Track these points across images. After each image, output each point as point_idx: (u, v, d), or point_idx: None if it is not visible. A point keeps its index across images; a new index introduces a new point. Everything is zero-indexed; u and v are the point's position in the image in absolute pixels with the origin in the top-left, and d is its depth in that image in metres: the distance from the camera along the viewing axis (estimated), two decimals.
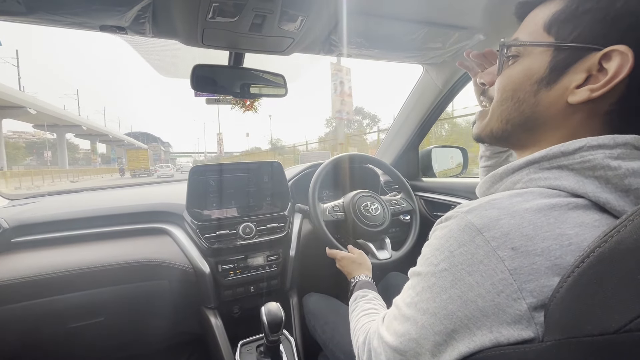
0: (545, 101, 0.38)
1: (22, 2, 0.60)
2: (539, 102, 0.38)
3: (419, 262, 0.40)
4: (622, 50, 0.32)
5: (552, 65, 0.37)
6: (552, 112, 0.38)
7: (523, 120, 0.40)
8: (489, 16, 0.83)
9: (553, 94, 0.37)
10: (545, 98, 0.38)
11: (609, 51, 0.33)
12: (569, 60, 0.36)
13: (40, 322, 0.88)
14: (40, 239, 0.95)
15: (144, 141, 72.08)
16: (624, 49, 0.32)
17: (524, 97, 0.39)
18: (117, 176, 32.67)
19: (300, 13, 0.72)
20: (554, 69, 0.37)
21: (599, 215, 0.33)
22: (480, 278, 0.32)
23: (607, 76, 0.33)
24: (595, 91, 0.34)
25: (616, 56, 0.33)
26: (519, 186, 0.38)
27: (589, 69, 0.35)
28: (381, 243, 1.12)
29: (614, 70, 0.33)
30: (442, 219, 0.40)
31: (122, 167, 35.89)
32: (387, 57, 1.06)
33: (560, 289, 0.29)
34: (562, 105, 0.37)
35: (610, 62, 0.33)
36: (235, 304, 1.10)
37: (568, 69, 0.36)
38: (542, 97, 0.38)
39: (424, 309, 0.37)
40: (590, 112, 0.36)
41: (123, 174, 32.73)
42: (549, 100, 0.38)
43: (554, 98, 0.37)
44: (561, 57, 0.36)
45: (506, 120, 0.42)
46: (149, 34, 0.78)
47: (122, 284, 0.94)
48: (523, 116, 0.40)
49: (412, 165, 1.53)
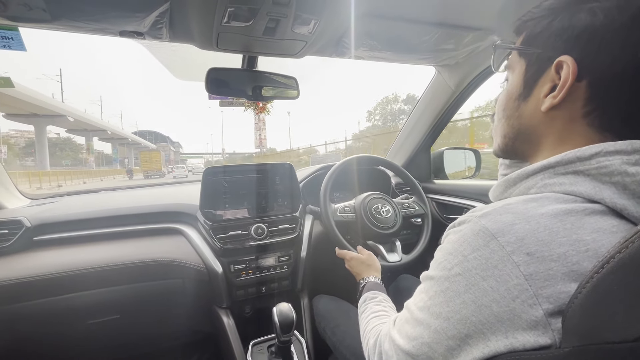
0: (526, 113, 0.42)
1: (48, 10, 0.63)
2: (522, 115, 0.43)
3: (431, 266, 0.40)
4: (564, 60, 0.36)
5: (525, 82, 0.42)
6: (534, 122, 0.42)
7: (515, 133, 0.45)
8: (503, 17, 0.82)
9: (530, 106, 0.42)
10: (525, 110, 0.42)
11: (558, 62, 0.37)
12: (536, 75, 0.41)
13: (61, 318, 0.91)
14: (60, 237, 0.99)
15: (152, 140, 67.03)
16: (565, 58, 0.36)
17: (510, 113, 0.45)
18: (122, 178, 28.50)
19: (314, 16, 0.72)
20: (527, 85, 0.42)
21: (616, 221, 0.33)
22: (494, 283, 0.32)
23: (560, 82, 0.37)
24: (556, 97, 0.38)
25: (564, 65, 0.36)
26: (533, 191, 0.38)
27: (552, 80, 0.38)
28: (391, 246, 1.12)
29: (564, 77, 0.36)
30: (455, 223, 0.40)
31: (130, 168, 32.87)
32: (399, 59, 1.05)
33: (579, 295, 0.28)
34: (540, 115, 0.40)
35: (562, 71, 0.37)
36: (247, 304, 1.11)
37: (536, 82, 0.41)
38: (522, 110, 0.43)
39: (437, 313, 0.37)
40: (569, 117, 0.38)
41: (131, 175, 28.87)
42: (528, 112, 0.42)
43: (531, 109, 0.42)
44: (530, 74, 0.41)
45: (503, 135, 0.47)
46: (166, 39, 0.80)
47: (138, 282, 0.97)
48: (514, 130, 0.45)
49: (424, 167, 1.52)
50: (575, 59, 0.36)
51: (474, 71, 1.12)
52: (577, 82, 0.36)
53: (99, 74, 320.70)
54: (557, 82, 0.38)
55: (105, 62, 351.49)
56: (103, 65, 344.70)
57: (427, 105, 1.34)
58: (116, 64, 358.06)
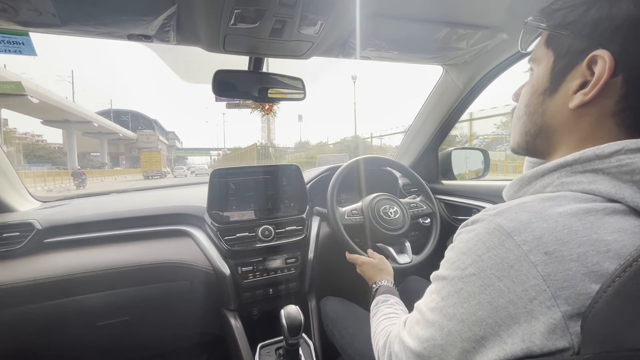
0: (551, 109, 0.40)
1: (58, 15, 0.64)
2: (546, 111, 0.41)
3: (443, 266, 0.39)
4: (600, 54, 0.34)
5: (552, 76, 0.40)
6: (559, 119, 0.40)
7: (537, 130, 0.43)
8: (512, 14, 0.81)
9: (556, 102, 0.40)
10: (550, 107, 0.40)
11: (592, 56, 0.35)
12: (565, 69, 0.38)
13: (70, 319, 0.92)
14: (70, 239, 1.00)
15: (127, 124, 46.27)
16: (601, 52, 0.34)
17: (534, 109, 0.42)
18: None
19: (320, 17, 0.72)
20: (554, 79, 0.40)
21: (638, 221, 0.32)
22: (510, 283, 0.31)
23: (594, 79, 0.35)
24: (587, 94, 0.36)
25: (599, 60, 0.34)
26: (549, 190, 0.37)
27: (583, 75, 0.36)
28: (401, 247, 1.11)
29: (598, 73, 0.34)
30: (468, 222, 0.39)
31: (78, 170, 19.23)
32: (406, 58, 1.04)
33: (600, 299, 0.27)
34: (567, 112, 0.38)
35: (596, 66, 0.35)
36: (255, 306, 1.11)
37: (565, 77, 0.38)
38: (547, 106, 0.41)
39: (450, 314, 0.36)
40: (597, 115, 0.36)
41: (82, 182, 16.79)
42: (554, 109, 0.40)
43: (557, 106, 0.39)
44: (558, 67, 0.39)
45: (525, 132, 0.45)
46: (173, 42, 0.81)
47: (146, 284, 0.97)
48: (536, 126, 0.43)
49: (432, 168, 1.50)
50: (613, 54, 0.33)
51: (482, 70, 1.11)
52: (611, 77, 0.34)
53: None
54: (588, 77, 0.36)
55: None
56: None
57: (435, 105, 1.33)
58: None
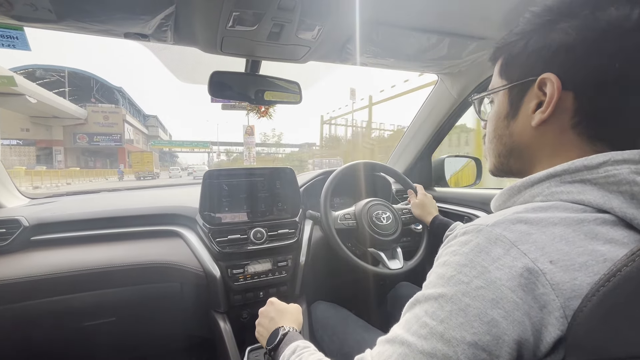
0: (517, 130, 0.44)
1: (53, 11, 0.63)
2: (513, 133, 0.44)
3: (435, 284, 0.35)
4: (547, 77, 0.38)
5: (510, 101, 0.44)
6: (526, 137, 0.43)
7: (508, 151, 0.46)
8: (506, 26, 0.82)
9: (519, 123, 0.43)
10: (515, 128, 0.44)
11: (541, 79, 0.39)
12: (520, 94, 0.42)
13: (56, 319, 0.90)
14: (58, 237, 0.98)
15: (81, 97, 32.90)
16: (548, 75, 0.38)
17: (502, 132, 0.46)
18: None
19: (318, 22, 0.73)
20: (512, 104, 0.44)
21: (626, 232, 0.33)
22: (522, 294, 0.30)
23: (547, 99, 0.38)
24: (544, 112, 0.39)
25: (547, 82, 0.38)
26: (539, 199, 0.37)
27: (537, 96, 0.40)
28: (392, 252, 1.11)
29: (549, 93, 0.38)
30: (458, 233, 0.37)
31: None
32: (402, 66, 1.06)
33: (584, 308, 0.28)
34: (531, 130, 0.41)
35: (546, 87, 0.38)
36: (245, 309, 1.10)
37: (522, 101, 0.42)
38: (513, 128, 0.44)
39: (457, 338, 0.31)
40: (559, 129, 0.39)
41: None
42: (519, 129, 0.43)
43: (521, 126, 0.43)
44: (514, 93, 0.43)
45: (498, 154, 0.48)
46: (170, 41, 0.81)
47: (135, 284, 0.96)
48: (506, 147, 0.46)
49: (425, 175, 1.51)
50: (558, 75, 0.37)
51: (476, 79, 1.13)
52: (563, 94, 0.37)
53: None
54: (542, 98, 0.39)
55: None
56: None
57: (429, 112, 1.34)
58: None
